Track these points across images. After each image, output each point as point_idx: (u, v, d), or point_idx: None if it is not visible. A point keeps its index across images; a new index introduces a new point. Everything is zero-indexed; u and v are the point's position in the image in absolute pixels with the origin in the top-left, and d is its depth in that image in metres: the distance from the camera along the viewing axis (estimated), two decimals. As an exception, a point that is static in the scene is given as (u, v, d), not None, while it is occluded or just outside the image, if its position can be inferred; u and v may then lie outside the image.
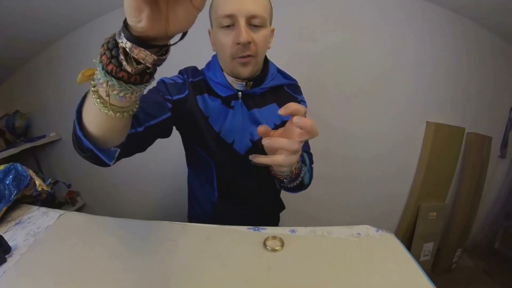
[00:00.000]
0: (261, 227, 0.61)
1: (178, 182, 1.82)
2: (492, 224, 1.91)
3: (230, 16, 0.60)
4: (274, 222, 0.97)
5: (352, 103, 1.67)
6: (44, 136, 1.75)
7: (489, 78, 1.70)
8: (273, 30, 0.72)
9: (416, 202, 1.77)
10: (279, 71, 0.79)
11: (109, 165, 0.49)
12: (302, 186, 0.68)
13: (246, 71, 0.66)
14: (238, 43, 0.61)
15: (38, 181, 0.80)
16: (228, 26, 0.62)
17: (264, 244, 0.56)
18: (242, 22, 0.60)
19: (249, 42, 0.61)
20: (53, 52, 1.67)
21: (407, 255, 0.52)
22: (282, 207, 0.96)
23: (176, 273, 0.50)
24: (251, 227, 0.62)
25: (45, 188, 0.82)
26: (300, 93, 0.82)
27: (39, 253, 0.55)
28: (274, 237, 0.58)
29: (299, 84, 0.83)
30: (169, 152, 1.72)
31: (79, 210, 1.92)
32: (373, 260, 0.51)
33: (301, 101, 0.81)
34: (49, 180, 0.90)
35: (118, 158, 0.50)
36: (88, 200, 1.99)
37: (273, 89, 0.75)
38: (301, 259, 0.52)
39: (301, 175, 0.63)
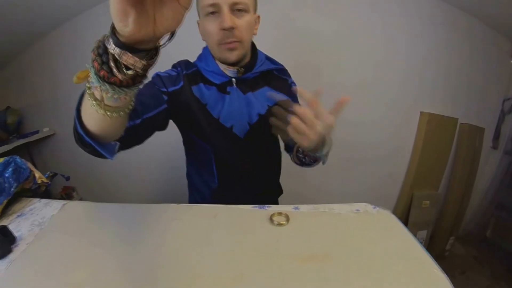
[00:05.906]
0: (266, 205, 0.64)
1: (175, 172, 1.81)
2: (484, 213, 1.95)
3: (214, 4, 0.65)
4: None
5: (347, 94, 1.67)
6: (37, 132, 1.72)
7: (481, 70, 1.71)
8: (258, 17, 0.76)
9: (410, 190, 1.80)
10: (267, 57, 0.84)
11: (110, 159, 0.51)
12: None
13: (232, 56, 0.70)
14: (223, 29, 0.65)
15: (37, 174, 0.79)
16: (213, 13, 0.66)
17: (271, 219, 0.58)
18: (225, 9, 0.64)
19: (232, 28, 0.65)
20: (45, 44, 1.62)
21: (402, 228, 0.57)
22: (280, 191, 0.99)
23: (186, 251, 0.51)
24: (256, 205, 0.64)
25: (44, 180, 0.81)
26: (289, 76, 0.88)
27: (46, 242, 0.55)
28: (279, 213, 0.60)
29: (286, 68, 0.89)
30: (165, 143, 1.71)
31: (75, 205, 1.90)
32: (371, 233, 0.56)
33: (292, 83, 0.87)
34: (48, 173, 0.89)
35: (118, 151, 0.52)
36: (84, 195, 1.97)
37: (263, 74, 0.80)
38: (306, 232, 0.56)
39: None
